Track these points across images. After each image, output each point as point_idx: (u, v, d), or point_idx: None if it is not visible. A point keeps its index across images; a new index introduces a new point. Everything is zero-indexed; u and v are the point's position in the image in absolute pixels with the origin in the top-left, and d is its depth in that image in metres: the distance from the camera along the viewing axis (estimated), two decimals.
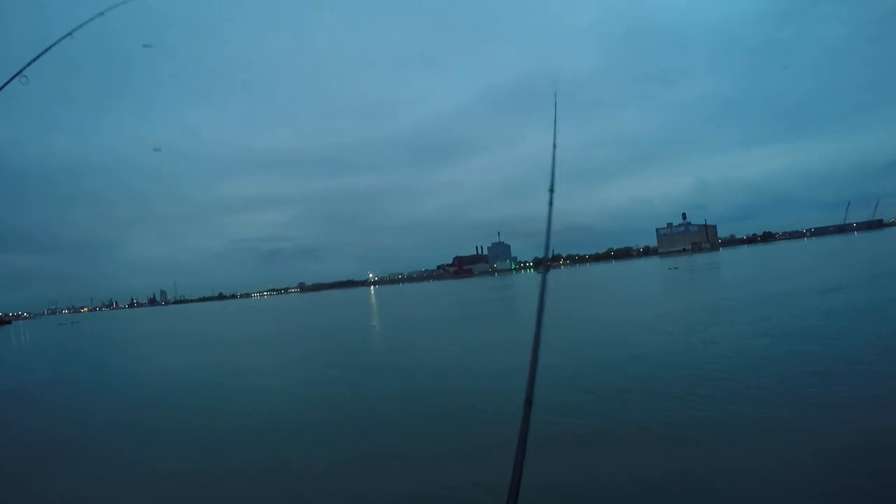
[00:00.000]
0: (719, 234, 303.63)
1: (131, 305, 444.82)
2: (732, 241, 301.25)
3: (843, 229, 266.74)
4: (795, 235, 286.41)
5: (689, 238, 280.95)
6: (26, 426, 16.21)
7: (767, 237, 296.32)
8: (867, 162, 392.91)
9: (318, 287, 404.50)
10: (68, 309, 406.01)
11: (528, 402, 1.81)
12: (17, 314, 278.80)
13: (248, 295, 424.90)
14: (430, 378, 17.41)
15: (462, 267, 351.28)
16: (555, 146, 2.94)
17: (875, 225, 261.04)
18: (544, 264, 2.36)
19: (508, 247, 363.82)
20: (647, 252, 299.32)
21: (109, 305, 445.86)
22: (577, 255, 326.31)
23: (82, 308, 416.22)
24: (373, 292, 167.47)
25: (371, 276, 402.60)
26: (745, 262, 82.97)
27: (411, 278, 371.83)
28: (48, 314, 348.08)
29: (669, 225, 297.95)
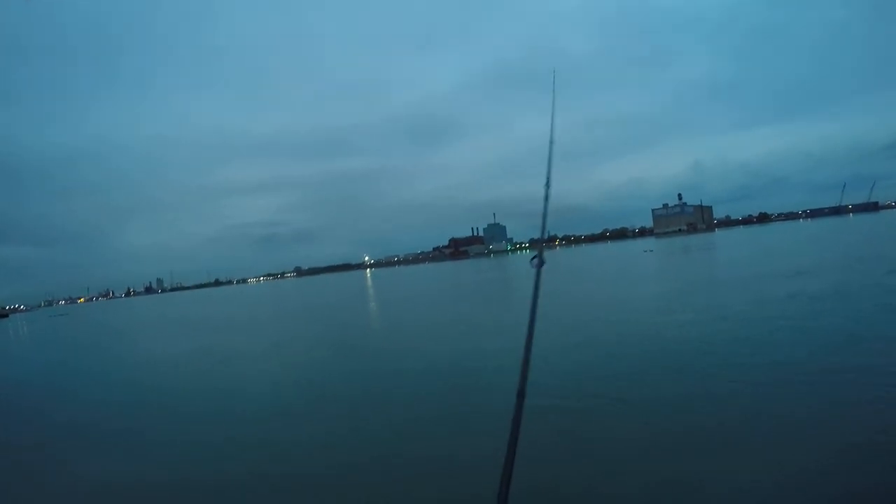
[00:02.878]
0: (715, 215, 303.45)
1: (128, 294, 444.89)
2: (728, 223, 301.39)
3: (838, 211, 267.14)
4: (791, 217, 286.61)
5: (685, 219, 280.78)
6: None
7: (763, 218, 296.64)
8: (863, 144, 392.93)
9: (314, 271, 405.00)
10: (65, 300, 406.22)
11: (521, 395, 1.75)
12: (15, 307, 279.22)
13: (244, 280, 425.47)
14: (420, 362, 17.11)
15: (458, 248, 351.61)
16: (552, 142, 2.86)
17: (871, 207, 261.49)
18: (539, 258, 2.25)
19: (504, 228, 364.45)
20: (643, 233, 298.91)
21: (106, 295, 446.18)
22: (574, 236, 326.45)
23: (79, 299, 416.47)
24: (369, 275, 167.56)
25: (367, 258, 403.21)
26: (731, 244, 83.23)
27: (407, 260, 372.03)
28: (45, 306, 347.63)
29: (665, 205, 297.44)
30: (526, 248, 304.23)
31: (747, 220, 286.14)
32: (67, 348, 40.95)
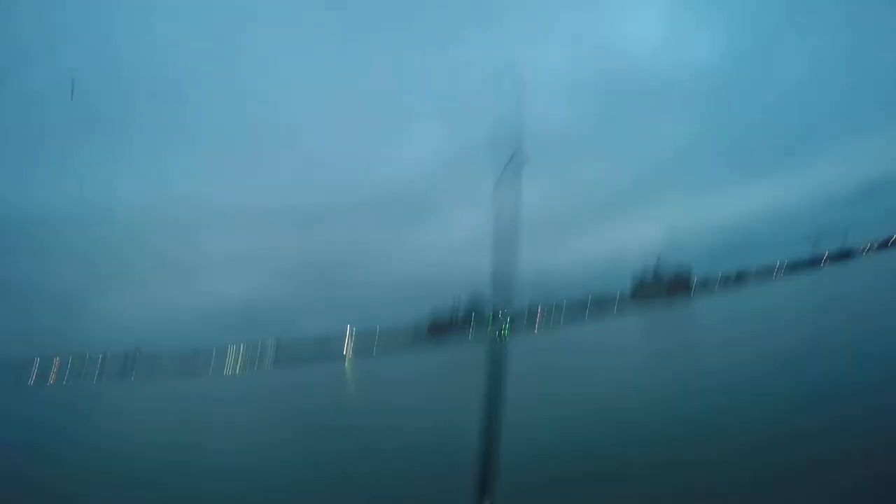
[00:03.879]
0: (694, 276, 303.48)
1: (104, 361, 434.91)
2: (707, 283, 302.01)
3: (813, 263, 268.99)
4: (768, 272, 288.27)
5: (663, 285, 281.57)
6: None
7: (740, 278, 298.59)
8: (834, 192, 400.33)
9: (293, 343, 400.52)
10: (36, 362, 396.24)
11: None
12: None
13: (223, 352, 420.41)
14: None
15: (438, 326, 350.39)
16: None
17: (845, 255, 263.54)
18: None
19: (487, 303, 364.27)
20: (623, 300, 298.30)
21: (82, 361, 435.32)
22: (555, 305, 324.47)
23: (52, 362, 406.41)
24: (348, 349, 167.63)
25: (347, 332, 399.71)
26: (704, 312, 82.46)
27: (387, 336, 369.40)
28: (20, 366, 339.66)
29: (642, 272, 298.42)
30: (507, 327, 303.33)
31: (726, 279, 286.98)
32: None
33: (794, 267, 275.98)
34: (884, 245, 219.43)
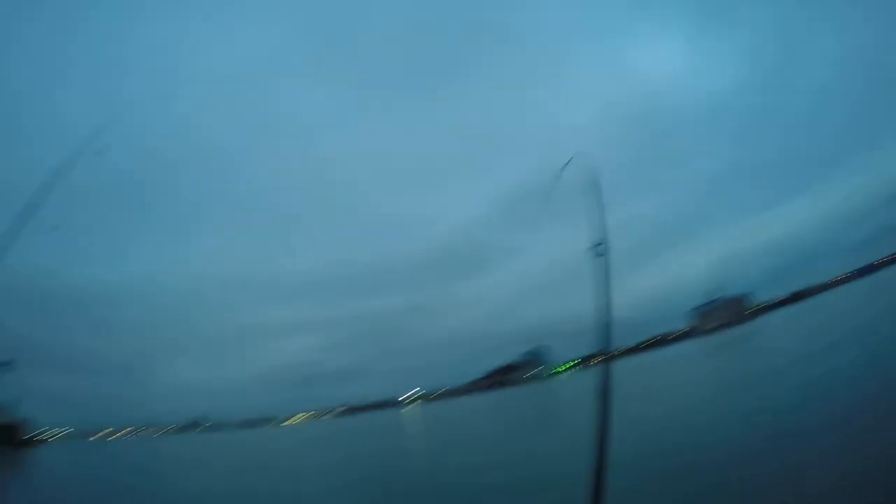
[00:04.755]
0: (751, 302, 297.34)
1: (169, 430, 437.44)
2: (766, 307, 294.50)
3: (869, 270, 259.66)
4: (827, 287, 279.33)
5: (722, 313, 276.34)
6: None
7: (798, 296, 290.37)
8: (884, 193, 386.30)
9: (355, 409, 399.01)
10: (107, 430, 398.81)
11: None
12: (56, 433, 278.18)
13: (286, 419, 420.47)
14: None
15: (499, 377, 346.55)
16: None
17: None
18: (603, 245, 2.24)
19: (544, 350, 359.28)
20: (684, 335, 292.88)
21: (147, 428, 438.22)
22: (617, 350, 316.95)
23: (122, 431, 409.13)
24: (410, 411, 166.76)
25: (408, 393, 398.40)
26: (764, 334, 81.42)
27: (451, 393, 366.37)
28: (88, 436, 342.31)
29: (701, 304, 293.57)
30: (570, 370, 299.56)
31: (783, 301, 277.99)
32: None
33: (855, 274, 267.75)
34: None
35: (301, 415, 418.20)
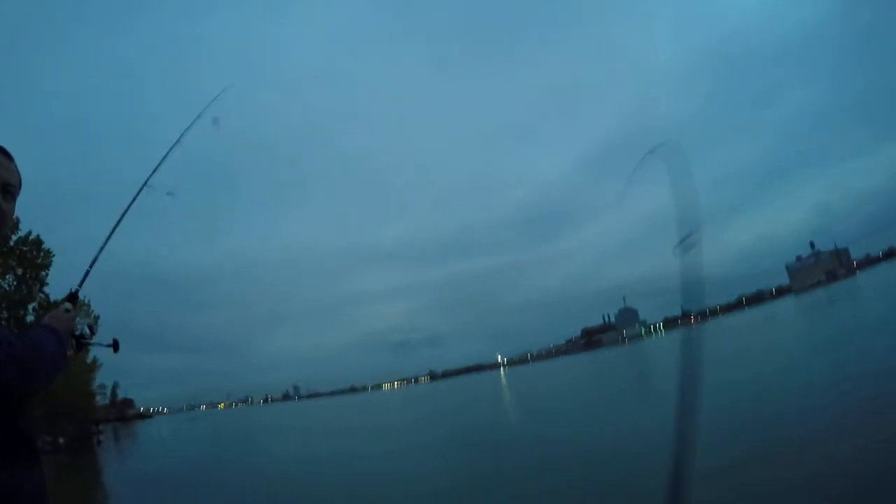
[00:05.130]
0: (854, 256, 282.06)
1: (266, 401, 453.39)
2: (869, 261, 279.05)
3: None
4: None
5: (822, 268, 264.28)
6: None
7: None
8: None
9: (448, 374, 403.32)
10: (206, 405, 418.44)
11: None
12: (158, 410, 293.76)
13: (379, 386, 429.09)
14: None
15: (591, 338, 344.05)
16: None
17: None
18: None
19: (636, 311, 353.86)
20: (781, 292, 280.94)
21: (245, 401, 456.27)
22: (710, 309, 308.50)
23: (219, 404, 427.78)
24: (503, 375, 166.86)
25: (500, 357, 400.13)
26: (870, 291, 75.88)
27: (541, 356, 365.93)
28: (187, 410, 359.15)
29: (798, 258, 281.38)
30: (660, 330, 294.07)
31: (889, 254, 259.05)
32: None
33: None
34: None
35: (394, 381, 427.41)
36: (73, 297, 2.63)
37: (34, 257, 40.32)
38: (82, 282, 2.76)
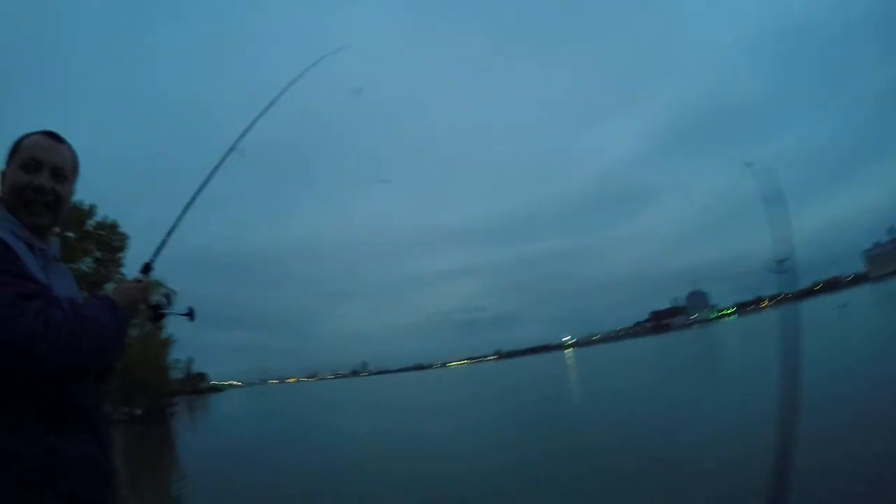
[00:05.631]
0: None
1: (335, 376, 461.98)
2: None
3: None
4: None
5: None
6: None
7: None
8: None
9: (513, 353, 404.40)
10: (277, 379, 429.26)
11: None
12: (231, 383, 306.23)
13: (444, 364, 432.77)
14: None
15: (659, 321, 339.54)
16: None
17: None
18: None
19: (706, 294, 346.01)
20: (857, 279, 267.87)
21: (314, 376, 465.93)
22: (784, 294, 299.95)
23: (289, 379, 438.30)
24: (568, 355, 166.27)
25: (566, 338, 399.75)
26: None
27: (608, 338, 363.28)
28: (259, 384, 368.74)
29: (876, 244, 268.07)
30: (732, 314, 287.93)
31: None
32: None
33: None
34: None
35: (461, 360, 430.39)
36: (146, 268, 2.65)
37: (111, 240, 41.93)
38: (157, 252, 2.77)
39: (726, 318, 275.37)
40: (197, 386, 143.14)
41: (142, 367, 48.29)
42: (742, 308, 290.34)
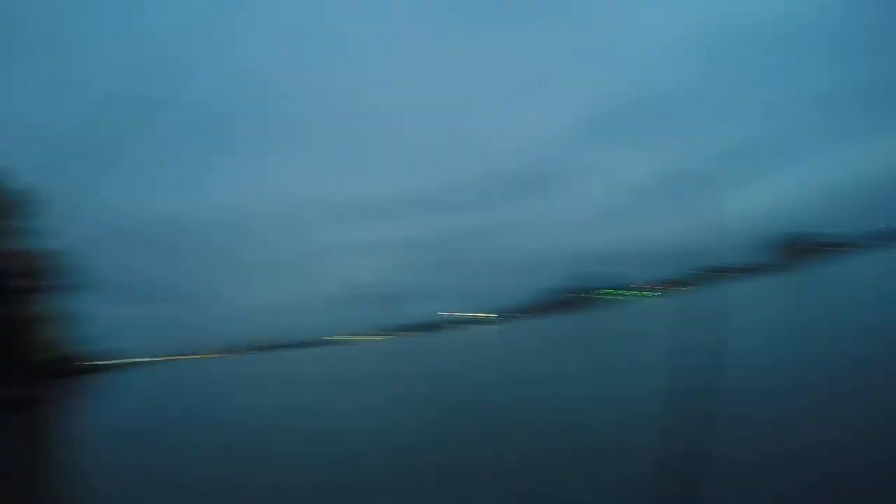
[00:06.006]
0: (831, 238, 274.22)
1: (237, 351, 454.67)
2: (849, 243, 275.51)
3: None
4: None
5: (796, 250, 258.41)
6: None
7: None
8: None
9: (413, 328, 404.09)
10: (181, 355, 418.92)
11: None
12: (130, 360, 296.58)
13: (356, 338, 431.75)
14: None
15: (566, 300, 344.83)
16: None
17: None
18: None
19: (623, 273, 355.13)
20: (752, 268, 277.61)
21: (219, 351, 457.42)
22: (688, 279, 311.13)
23: (194, 354, 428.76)
24: (476, 331, 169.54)
25: (461, 313, 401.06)
26: None
27: (513, 315, 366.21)
28: (164, 360, 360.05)
29: (774, 239, 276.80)
30: (646, 294, 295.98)
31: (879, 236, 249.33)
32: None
33: None
34: None
35: (371, 334, 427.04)
36: None
37: None
38: None
39: (634, 298, 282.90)
40: (90, 365, 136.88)
41: (26, 345, 45.12)
42: (651, 288, 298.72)
